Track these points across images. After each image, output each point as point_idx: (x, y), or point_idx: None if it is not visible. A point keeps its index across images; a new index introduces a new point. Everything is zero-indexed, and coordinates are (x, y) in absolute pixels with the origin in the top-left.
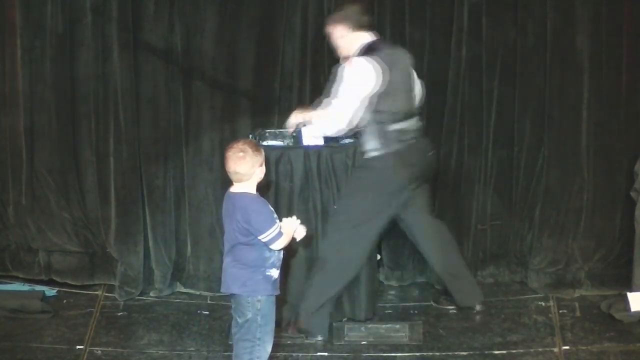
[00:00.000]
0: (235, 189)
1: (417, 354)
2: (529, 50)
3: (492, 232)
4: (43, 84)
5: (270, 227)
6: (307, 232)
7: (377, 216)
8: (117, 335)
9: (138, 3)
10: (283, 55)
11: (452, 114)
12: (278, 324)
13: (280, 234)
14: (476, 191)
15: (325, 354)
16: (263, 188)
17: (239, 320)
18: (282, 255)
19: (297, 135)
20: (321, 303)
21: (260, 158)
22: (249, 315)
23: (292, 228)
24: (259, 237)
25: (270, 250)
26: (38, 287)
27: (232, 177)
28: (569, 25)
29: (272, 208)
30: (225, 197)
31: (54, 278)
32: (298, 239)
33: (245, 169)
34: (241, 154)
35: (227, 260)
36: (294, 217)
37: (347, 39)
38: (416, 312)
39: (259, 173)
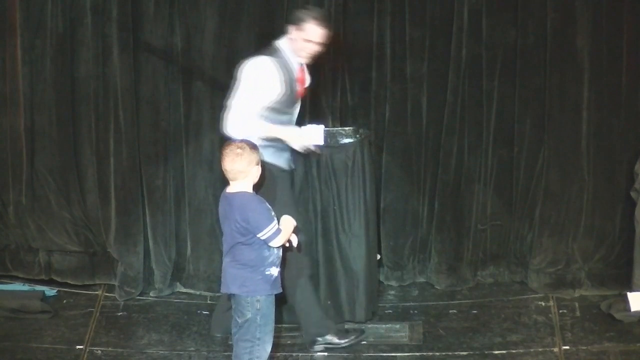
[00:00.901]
0: (231, 189)
1: (417, 354)
2: (529, 50)
3: (492, 232)
4: (43, 84)
5: (269, 224)
6: (304, 235)
7: None
8: (117, 335)
9: (138, 3)
10: None
11: (452, 114)
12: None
13: (279, 231)
14: (476, 191)
15: (325, 354)
16: (258, 187)
17: (239, 321)
18: (281, 253)
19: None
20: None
21: (256, 156)
22: (249, 315)
23: (291, 225)
24: (258, 235)
25: (269, 249)
26: (38, 287)
27: (229, 175)
28: (569, 25)
29: (269, 206)
30: (221, 198)
31: (54, 278)
32: (294, 244)
33: (243, 165)
34: (239, 150)
35: (226, 261)
36: (289, 217)
37: None
38: (416, 312)
39: (255, 172)
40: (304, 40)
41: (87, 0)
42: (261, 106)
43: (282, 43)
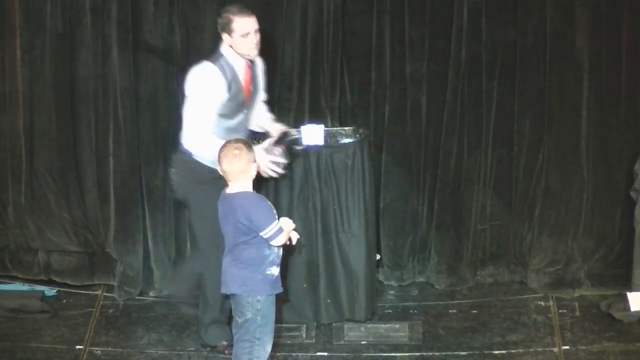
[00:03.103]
0: (230, 189)
1: (417, 353)
2: (528, 50)
3: (492, 232)
4: (43, 84)
5: (271, 222)
6: (304, 235)
7: None
8: (117, 335)
9: (138, 3)
10: (283, 55)
11: (452, 114)
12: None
13: (280, 230)
14: (476, 191)
15: (325, 354)
16: (256, 185)
17: (239, 320)
18: (281, 253)
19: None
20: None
21: (253, 155)
22: (249, 315)
23: (290, 225)
24: (261, 234)
25: (270, 248)
26: (38, 287)
27: (228, 176)
28: (569, 25)
29: (270, 204)
30: (220, 199)
31: (54, 278)
32: (294, 242)
33: (242, 165)
34: (236, 151)
35: (226, 261)
36: (287, 218)
37: None
38: (416, 312)
39: (253, 170)
40: (241, 37)
41: (86, 0)
42: (212, 114)
43: (223, 49)
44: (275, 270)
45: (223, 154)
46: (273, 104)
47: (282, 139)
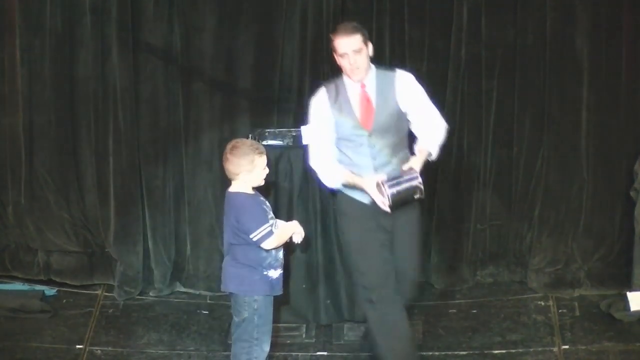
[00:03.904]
0: (232, 188)
1: (417, 353)
2: (528, 50)
3: (492, 232)
4: (42, 84)
5: (260, 226)
6: (305, 234)
7: None
8: (117, 335)
9: (138, 3)
10: (282, 56)
11: (452, 114)
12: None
13: (270, 234)
14: (476, 191)
15: (325, 353)
16: (262, 188)
17: (236, 319)
18: (280, 256)
19: (296, 135)
20: None
21: (248, 163)
22: (246, 314)
23: (289, 231)
24: (250, 236)
25: (267, 250)
26: (38, 287)
27: (226, 173)
28: (568, 25)
29: (266, 207)
30: (225, 197)
31: (53, 278)
32: (297, 242)
33: (231, 167)
34: (233, 150)
35: (226, 259)
36: (295, 222)
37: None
38: (416, 311)
39: (251, 175)
40: (339, 57)
41: (86, 0)
42: (326, 136)
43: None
44: (274, 273)
45: (225, 150)
46: (273, 104)
47: (401, 182)
